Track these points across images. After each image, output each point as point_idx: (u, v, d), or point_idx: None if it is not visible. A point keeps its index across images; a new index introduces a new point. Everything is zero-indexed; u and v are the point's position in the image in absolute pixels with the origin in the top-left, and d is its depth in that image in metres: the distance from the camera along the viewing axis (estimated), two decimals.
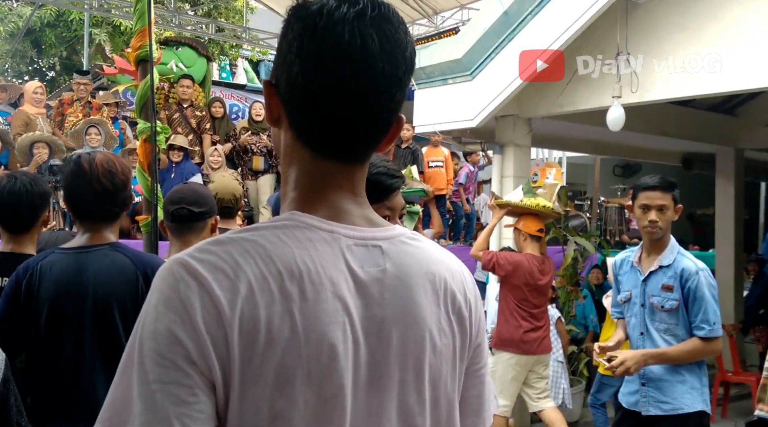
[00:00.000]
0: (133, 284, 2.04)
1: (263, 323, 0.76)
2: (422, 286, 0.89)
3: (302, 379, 0.77)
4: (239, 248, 0.80)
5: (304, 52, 0.83)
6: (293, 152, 0.89)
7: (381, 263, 0.87)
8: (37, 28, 14.26)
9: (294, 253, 0.81)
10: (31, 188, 2.41)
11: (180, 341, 0.75)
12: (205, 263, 0.78)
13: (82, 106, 6.98)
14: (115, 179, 2.10)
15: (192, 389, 0.74)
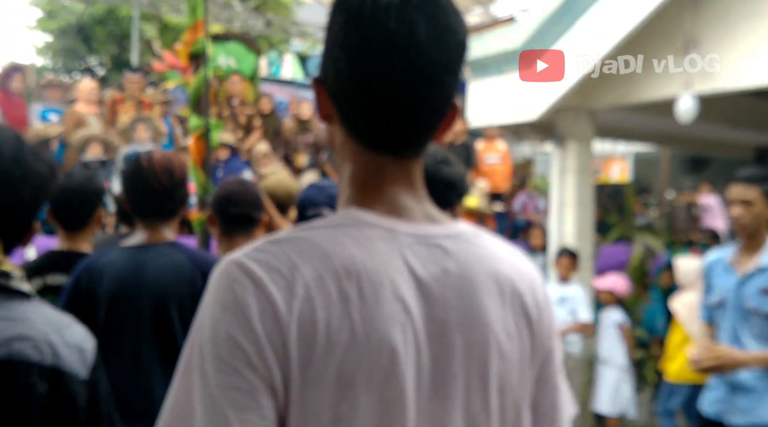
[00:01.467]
0: (190, 283, 2.04)
1: (322, 326, 0.75)
2: (487, 286, 0.86)
3: (363, 383, 0.76)
4: (295, 247, 0.79)
5: (349, 44, 0.81)
6: (346, 148, 0.88)
7: (443, 263, 0.84)
8: (88, 25, 14.58)
9: (351, 252, 0.79)
10: (86, 186, 2.45)
11: (239, 345, 0.74)
12: (261, 263, 0.77)
13: (133, 105, 7.02)
14: (173, 177, 2.11)
15: (253, 395, 0.73)
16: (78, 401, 1.20)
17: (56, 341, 1.19)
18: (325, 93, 0.87)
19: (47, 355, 1.17)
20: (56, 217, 2.46)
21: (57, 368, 1.18)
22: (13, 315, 1.18)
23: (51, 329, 1.20)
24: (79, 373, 1.20)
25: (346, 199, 0.88)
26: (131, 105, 7.01)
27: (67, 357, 1.19)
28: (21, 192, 1.22)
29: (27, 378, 1.14)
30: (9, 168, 1.20)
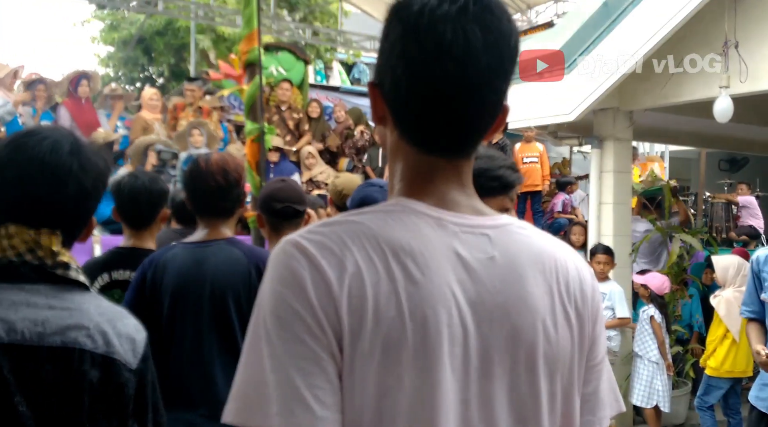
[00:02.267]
0: (246, 277, 2.14)
1: (370, 301, 0.78)
2: (533, 275, 0.88)
3: (408, 360, 0.78)
4: (346, 228, 0.83)
5: (406, 53, 0.84)
6: (399, 149, 0.90)
7: (489, 251, 0.86)
8: (147, 36, 15.14)
9: (399, 235, 0.82)
10: (151, 186, 2.54)
11: (299, 315, 0.78)
12: (314, 242, 0.81)
13: (193, 111, 7.38)
14: (228, 177, 2.21)
15: (317, 361, 0.77)
16: (127, 389, 1.23)
17: (109, 331, 1.22)
18: (380, 97, 0.89)
19: (100, 344, 1.20)
20: (123, 215, 2.56)
21: (109, 357, 1.20)
22: (70, 305, 1.22)
23: (104, 319, 1.23)
24: (130, 362, 1.23)
25: (397, 192, 0.91)
26: (191, 111, 7.39)
27: (118, 347, 1.22)
28: (81, 184, 1.26)
29: (80, 365, 1.18)
30: (68, 161, 1.25)
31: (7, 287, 1.21)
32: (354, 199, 2.49)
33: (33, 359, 1.16)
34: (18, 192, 1.23)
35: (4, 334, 1.16)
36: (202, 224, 2.28)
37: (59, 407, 1.17)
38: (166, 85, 16.38)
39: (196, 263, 2.16)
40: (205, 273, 2.14)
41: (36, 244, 1.23)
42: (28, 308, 1.19)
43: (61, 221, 1.26)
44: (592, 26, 5.26)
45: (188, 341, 2.13)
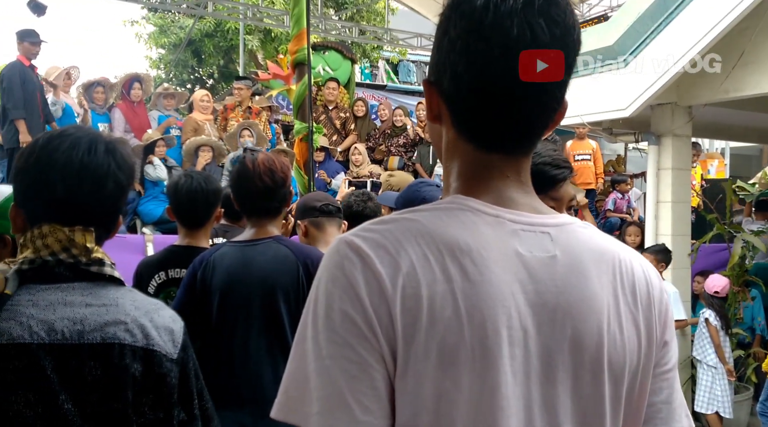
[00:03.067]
0: (295, 274, 2.15)
1: (425, 301, 0.76)
2: (597, 275, 0.84)
3: (466, 361, 0.76)
4: (401, 226, 0.81)
5: (470, 50, 0.81)
6: (456, 147, 0.88)
7: (551, 250, 0.83)
8: (197, 39, 15.46)
9: (456, 233, 0.80)
10: (206, 186, 2.58)
11: (349, 318, 0.76)
12: (368, 240, 0.79)
13: (242, 111, 7.47)
14: (274, 176, 2.24)
15: (363, 366, 0.76)
16: (170, 379, 1.24)
17: (146, 323, 1.24)
18: (437, 94, 0.87)
19: (139, 337, 1.21)
20: (178, 215, 2.61)
21: (149, 349, 1.22)
22: (106, 301, 1.23)
23: (141, 312, 1.24)
24: (170, 352, 1.25)
25: (452, 190, 0.89)
26: (240, 112, 7.48)
27: (157, 338, 1.23)
28: (118, 181, 1.29)
29: (121, 360, 1.19)
30: (106, 161, 1.27)
31: (43, 287, 1.22)
32: (400, 198, 2.51)
33: (75, 357, 1.17)
34: (57, 193, 1.24)
35: (45, 335, 1.17)
36: (250, 224, 2.30)
37: (104, 403, 1.18)
38: (216, 87, 16.71)
39: (244, 262, 2.18)
40: (253, 272, 2.15)
41: (70, 242, 1.24)
42: (66, 307, 1.20)
43: (97, 218, 1.28)
44: (649, 18, 5.08)
45: (237, 339, 2.14)
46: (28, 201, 1.27)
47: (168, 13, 16.15)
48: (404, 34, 12.22)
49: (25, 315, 1.18)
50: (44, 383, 1.16)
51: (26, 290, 1.21)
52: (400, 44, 12.62)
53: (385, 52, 14.62)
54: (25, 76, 6.09)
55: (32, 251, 1.23)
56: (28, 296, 1.20)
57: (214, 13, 12.08)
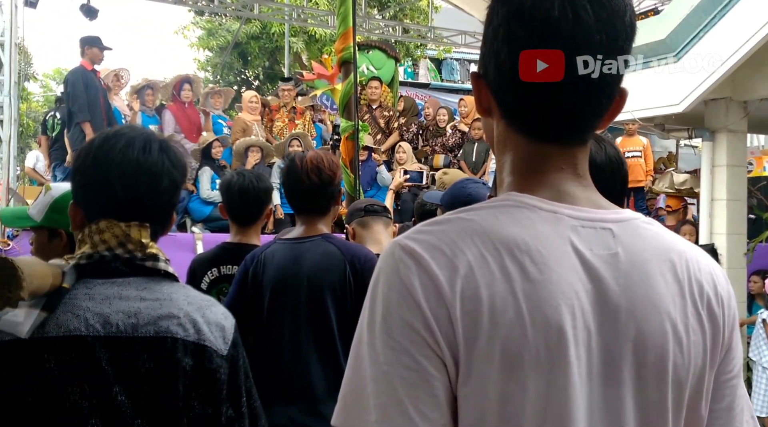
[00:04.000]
0: (342, 272, 2.15)
1: (485, 303, 0.73)
2: (661, 274, 0.80)
3: (530, 363, 0.74)
4: (455, 227, 0.78)
5: (511, 36, 0.79)
6: (507, 140, 0.86)
7: (612, 247, 0.80)
8: (243, 41, 15.72)
9: (513, 232, 0.77)
10: (257, 184, 2.62)
11: (407, 323, 0.74)
12: (423, 243, 0.77)
13: (287, 112, 7.58)
14: (322, 175, 2.24)
15: (422, 373, 0.74)
16: (220, 375, 1.25)
17: (199, 319, 1.25)
18: (485, 86, 0.85)
19: (191, 332, 1.23)
20: (231, 213, 2.65)
21: (200, 344, 1.23)
22: (160, 296, 1.25)
23: (194, 308, 1.26)
24: (221, 349, 1.26)
25: (506, 186, 0.86)
26: (285, 112, 7.57)
27: (209, 334, 1.25)
28: (173, 178, 1.32)
29: (173, 353, 1.20)
30: (161, 159, 1.30)
31: (100, 281, 1.24)
32: (446, 195, 2.49)
33: (129, 350, 1.20)
34: (115, 191, 1.26)
35: (101, 327, 1.20)
36: (300, 221, 2.31)
37: (156, 396, 1.20)
38: (261, 88, 16.95)
39: (293, 259, 2.20)
40: (302, 269, 2.17)
41: (126, 237, 1.26)
42: (121, 301, 1.22)
43: (153, 214, 1.30)
44: (703, 11, 4.94)
45: (287, 335, 2.16)
46: (86, 198, 1.30)
47: (215, 16, 16.46)
48: (448, 31, 12.15)
49: (81, 308, 1.21)
50: (99, 374, 1.18)
51: (83, 283, 1.24)
52: (444, 42, 12.55)
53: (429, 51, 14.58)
54: (88, 81, 6.29)
55: (90, 246, 1.26)
56: (85, 289, 1.23)
57: (260, 15, 12.25)
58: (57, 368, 1.18)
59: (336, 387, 2.24)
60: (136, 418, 1.19)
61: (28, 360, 1.18)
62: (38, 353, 1.18)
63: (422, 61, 15.37)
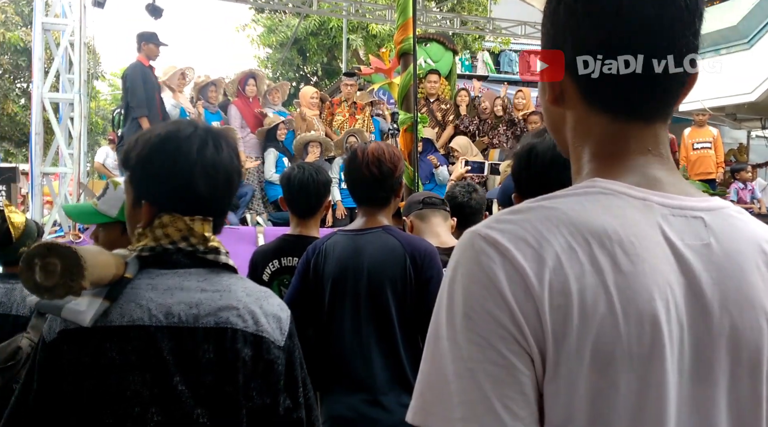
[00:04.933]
0: (402, 265, 2.15)
1: (575, 297, 0.70)
2: (756, 266, 0.77)
3: (623, 360, 0.70)
4: (539, 215, 0.75)
5: (591, 7, 0.77)
6: (586, 124, 0.83)
7: (704, 237, 0.76)
8: (302, 37, 15.93)
9: (601, 221, 0.73)
10: (317, 177, 2.66)
11: (492, 317, 0.71)
12: (506, 233, 0.73)
13: (348, 106, 7.63)
14: (382, 167, 2.24)
15: (510, 369, 0.71)
16: (277, 366, 1.27)
17: (257, 310, 1.27)
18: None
19: (250, 323, 1.25)
20: (291, 205, 2.70)
21: (259, 335, 1.25)
22: (219, 287, 1.27)
23: (252, 299, 1.28)
24: (278, 340, 1.28)
25: (587, 173, 0.83)
26: (346, 107, 7.63)
27: (266, 325, 1.27)
28: (229, 174, 1.34)
29: (233, 344, 1.23)
30: (219, 155, 1.32)
31: (162, 272, 1.27)
32: (500, 189, 2.46)
33: (190, 340, 1.22)
34: (176, 186, 1.28)
35: (163, 317, 1.22)
36: (360, 213, 2.33)
37: (216, 386, 1.22)
38: (319, 83, 17.13)
39: (354, 251, 2.21)
40: (362, 261, 2.18)
41: (189, 231, 1.29)
42: (183, 292, 1.25)
43: (214, 208, 1.33)
44: None
45: (348, 326, 2.17)
46: (150, 192, 1.31)
47: (275, 13, 16.72)
48: (507, 22, 11.97)
49: (144, 298, 1.23)
50: (161, 364, 1.20)
51: (146, 274, 1.26)
52: (503, 33, 12.37)
53: (487, 43, 14.42)
54: (145, 76, 6.46)
55: (152, 240, 1.28)
56: (148, 280, 1.26)
57: (319, 11, 12.36)
58: (119, 357, 1.20)
59: (396, 378, 2.24)
60: (196, 407, 1.21)
61: (91, 349, 1.21)
62: (101, 341, 1.21)
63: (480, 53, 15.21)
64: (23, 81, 14.67)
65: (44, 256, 1.10)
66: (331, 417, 2.14)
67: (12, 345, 2.35)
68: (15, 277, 2.55)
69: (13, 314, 2.48)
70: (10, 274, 2.57)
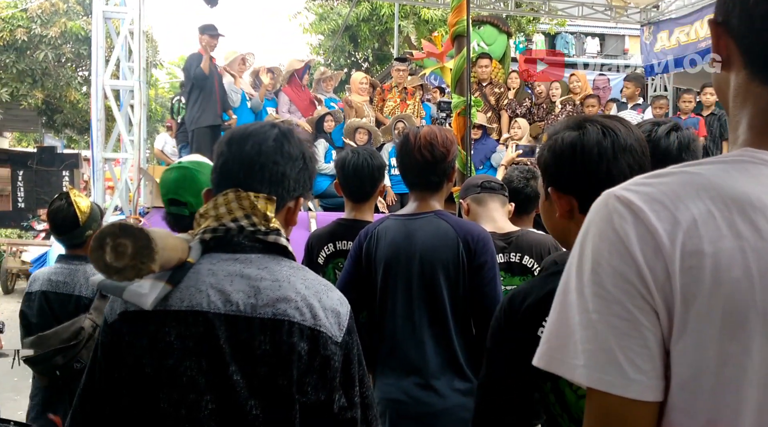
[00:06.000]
0: (455, 250, 2.13)
1: (708, 260, 0.71)
2: None
3: (757, 325, 0.70)
4: (680, 180, 0.76)
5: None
6: (747, 93, 0.81)
7: None
8: (353, 24, 15.94)
9: (746, 188, 0.73)
10: (371, 162, 2.66)
11: (619, 273, 0.74)
12: (641, 195, 0.76)
13: (399, 92, 7.61)
14: (434, 151, 2.20)
15: (634, 323, 0.73)
16: (333, 362, 1.23)
17: (315, 304, 1.24)
18: (725, 34, 0.82)
19: (308, 317, 1.22)
20: (346, 189, 2.71)
21: (316, 329, 1.22)
22: (279, 277, 1.24)
23: (311, 292, 1.25)
24: (335, 335, 1.24)
25: (741, 142, 0.81)
26: (397, 92, 7.61)
27: (324, 320, 1.23)
28: (304, 160, 1.37)
29: (290, 337, 1.19)
30: (298, 146, 1.36)
31: (223, 257, 1.25)
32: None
33: (247, 329, 1.19)
34: (252, 164, 1.30)
35: (221, 304, 1.20)
36: (412, 197, 2.31)
37: (270, 378, 1.19)
38: (370, 69, 17.13)
39: (406, 235, 2.20)
40: (414, 245, 2.17)
41: (253, 209, 1.27)
42: (242, 280, 1.23)
43: (282, 190, 1.33)
44: None
45: (400, 310, 2.17)
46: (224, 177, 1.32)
47: (327, 0, 16.78)
48: (564, 3, 11.65)
49: (205, 284, 1.22)
50: (217, 351, 1.18)
51: (207, 258, 1.25)
52: (559, 15, 12.06)
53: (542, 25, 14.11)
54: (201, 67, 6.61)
55: (214, 219, 1.27)
56: (209, 265, 1.24)
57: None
58: (177, 342, 1.19)
59: (448, 363, 2.23)
60: (250, 398, 1.18)
61: (150, 331, 1.20)
62: (160, 325, 1.20)
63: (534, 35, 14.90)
64: (85, 69, 15.15)
65: (116, 236, 1.08)
66: (384, 400, 2.15)
67: (75, 325, 2.44)
68: (78, 258, 2.64)
69: (75, 295, 2.57)
70: (74, 255, 2.66)
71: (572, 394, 1.21)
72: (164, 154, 8.54)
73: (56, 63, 14.65)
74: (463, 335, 2.15)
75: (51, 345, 2.41)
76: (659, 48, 10.38)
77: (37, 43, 14.10)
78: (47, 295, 2.58)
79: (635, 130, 1.29)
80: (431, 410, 2.08)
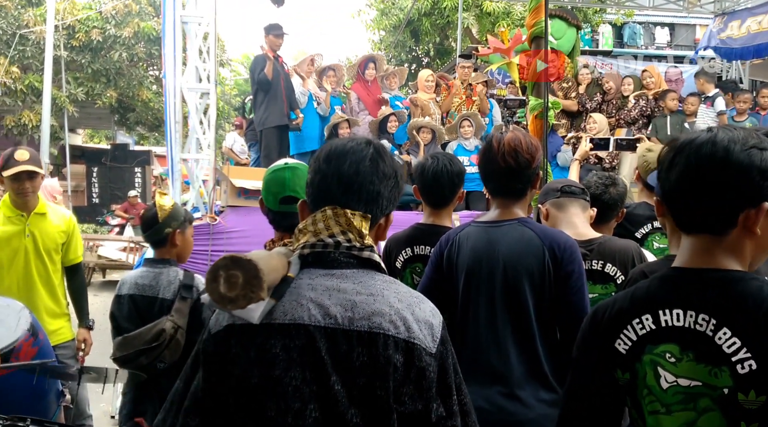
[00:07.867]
0: (541, 258, 2.09)
1: None
2: None
3: None
4: None
5: None
6: None
7: None
8: (415, 18, 15.90)
9: None
10: (450, 167, 2.65)
11: None
12: None
13: (464, 89, 7.56)
14: (518, 157, 2.15)
15: None
16: (429, 373, 1.26)
17: (408, 316, 1.27)
18: None
19: (402, 329, 1.25)
20: (425, 195, 2.70)
21: (410, 342, 1.25)
22: (374, 291, 1.29)
23: (404, 305, 1.29)
24: (429, 347, 1.27)
25: None
26: (462, 89, 7.56)
27: (418, 332, 1.27)
28: (396, 178, 1.41)
29: (385, 350, 1.23)
30: (392, 163, 1.41)
31: (321, 272, 1.31)
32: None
33: (345, 342, 1.24)
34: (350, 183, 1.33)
35: (321, 318, 1.25)
36: (495, 204, 2.28)
37: (368, 389, 1.23)
38: (431, 64, 17.06)
39: (488, 243, 2.17)
40: (497, 253, 2.14)
41: (349, 225, 1.32)
42: (339, 294, 1.28)
43: (376, 208, 1.36)
44: None
45: (483, 318, 2.15)
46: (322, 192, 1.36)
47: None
48: None
49: (305, 298, 1.27)
50: (319, 363, 1.23)
51: (306, 273, 1.31)
52: (627, 6, 11.70)
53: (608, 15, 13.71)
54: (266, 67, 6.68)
55: (312, 234, 1.33)
56: (308, 279, 1.30)
57: None
58: (283, 353, 1.25)
59: (533, 373, 2.19)
60: (350, 408, 1.23)
61: (258, 344, 1.26)
62: (267, 337, 1.26)
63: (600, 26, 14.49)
64: (156, 69, 15.67)
65: (228, 268, 1.15)
66: None
67: (157, 327, 2.54)
68: (162, 262, 2.77)
69: (159, 298, 2.69)
70: (158, 259, 2.80)
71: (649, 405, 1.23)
72: (233, 153, 8.74)
73: (129, 63, 15.20)
74: (548, 344, 2.11)
75: (135, 346, 2.53)
76: (725, 36, 9.95)
77: (111, 43, 14.65)
78: (134, 298, 2.71)
79: None
80: (516, 420, 2.05)
